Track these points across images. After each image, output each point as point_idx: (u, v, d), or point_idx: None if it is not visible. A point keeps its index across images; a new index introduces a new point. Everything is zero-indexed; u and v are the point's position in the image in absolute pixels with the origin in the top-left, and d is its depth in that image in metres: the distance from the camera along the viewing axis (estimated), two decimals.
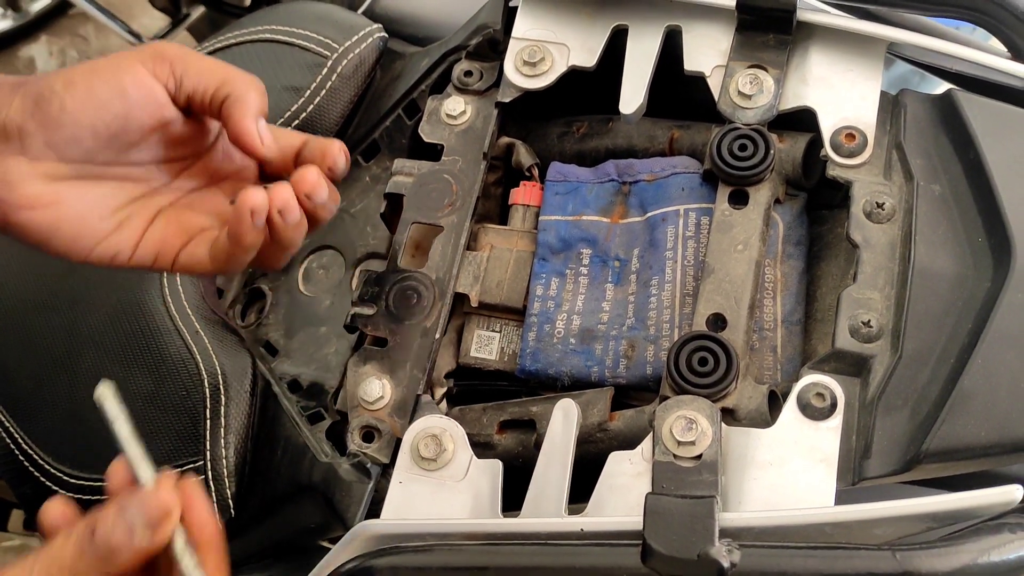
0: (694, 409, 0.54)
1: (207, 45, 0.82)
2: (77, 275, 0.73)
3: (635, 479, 0.54)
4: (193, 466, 0.65)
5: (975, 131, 0.55)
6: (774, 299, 0.60)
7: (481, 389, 0.67)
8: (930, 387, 0.51)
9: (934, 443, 0.49)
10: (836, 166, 0.59)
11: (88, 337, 0.71)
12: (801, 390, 0.54)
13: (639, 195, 0.65)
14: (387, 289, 0.65)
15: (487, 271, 0.66)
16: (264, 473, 0.66)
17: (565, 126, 0.72)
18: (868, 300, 0.55)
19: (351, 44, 0.77)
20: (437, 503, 0.57)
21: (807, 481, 0.51)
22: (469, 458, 0.58)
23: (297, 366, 0.71)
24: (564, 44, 0.68)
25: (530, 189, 0.68)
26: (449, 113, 0.70)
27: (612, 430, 0.59)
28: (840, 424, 0.52)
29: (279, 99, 0.75)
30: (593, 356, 0.62)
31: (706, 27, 0.64)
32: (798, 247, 0.62)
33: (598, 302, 0.64)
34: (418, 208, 0.67)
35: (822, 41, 0.62)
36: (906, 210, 0.56)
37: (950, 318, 0.53)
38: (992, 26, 0.58)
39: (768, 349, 0.59)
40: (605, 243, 0.65)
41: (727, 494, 0.52)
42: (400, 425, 0.61)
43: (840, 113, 0.60)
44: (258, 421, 0.68)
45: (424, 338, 0.63)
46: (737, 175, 0.60)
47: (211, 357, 0.68)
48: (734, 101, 0.62)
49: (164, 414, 0.67)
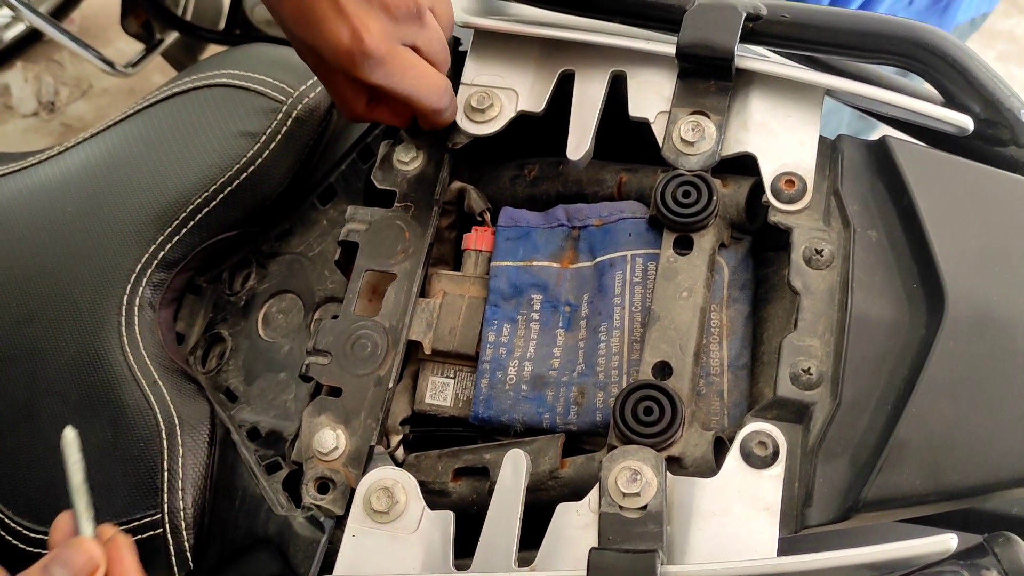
0: (639, 459, 0.55)
1: (165, 89, 0.83)
2: (36, 323, 0.73)
3: (582, 531, 0.54)
4: (151, 518, 0.66)
5: (908, 178, 0.56)
6: (720, 344, 0.61)
7: (437, 435, 0.68)
8: (868, 434, 0.52)
9: (871, 492, 0.50)
10: (777, 212, 0.60)
11: (48, 388, 0.71)
12: (744, 438, 0.55)
13: (588, 240, 0.66)
14: (341, 338, 0.65)
15: (440, 318, 0.67)
16: (222, 523, 0.66)
17: (517, 169, 0.72)
18: (808, 347, 0.56)
19: (306, 88, 0.78)
20: (389, 556, 0.57)
21: (750, 530, 0.52)
22: (421, 510, 0.59)
23: (256, 413, 0.71)
24: (512, 89, 0.68)
25: (482, 234, 0.69)
26: (401, 159, 0.70)
27: (563, 478, 0.60)
28: (782, 472, 0.53)
29: (234, 145, 0.75)
30: (545, 403, 0.63)
31: (650, 74, 0.65)
32: (743, 291, 0.62)
33: (549, 348, 0.64)
34: (371, 256, 0.68)
35: (762, 88, 0.62)
36: (844, 256, 0.57)
37: (887, 365, 0.53)
38: (925, 72, 0.58)
39: (715, 394, 0.60)
40: (556, 288, 0.66)
41: (672, 545, 0.52)
42: (355, 476, 0.61)
43: (780, 159, 0.61)
44: (217, 470, 0.68)
45: (378, 387, 0.64)
46: (681, 222, 0.61)
47: (169, 408, 0.68)
48: (677, 148, 0.63)
49: (122, 466, 0.67)
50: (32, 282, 0.74)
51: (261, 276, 0.77)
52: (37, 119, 2.07)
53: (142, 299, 0.72)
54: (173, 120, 0.79)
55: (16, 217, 0.78)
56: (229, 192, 0.74)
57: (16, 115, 2.07)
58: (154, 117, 0.81)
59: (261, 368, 0.73)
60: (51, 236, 0.76)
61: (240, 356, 0.75)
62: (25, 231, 0.77)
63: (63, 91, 2.10)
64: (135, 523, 0.65)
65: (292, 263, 0.76)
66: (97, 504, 0.66)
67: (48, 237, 0.76)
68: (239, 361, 0.74)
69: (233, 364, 0.74)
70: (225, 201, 0.74)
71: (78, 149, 0.82)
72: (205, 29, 1.63)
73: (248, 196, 0.75)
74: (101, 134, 0.82)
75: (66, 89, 2.11)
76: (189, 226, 0.74)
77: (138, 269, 0.73)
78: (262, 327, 0.75)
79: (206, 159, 0.75)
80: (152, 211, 0.74)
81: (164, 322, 0.75)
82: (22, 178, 0.82)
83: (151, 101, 0.82)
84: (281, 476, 0.66)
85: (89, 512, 0.49)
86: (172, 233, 0.73)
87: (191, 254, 0.74)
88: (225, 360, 0.75)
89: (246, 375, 0.74)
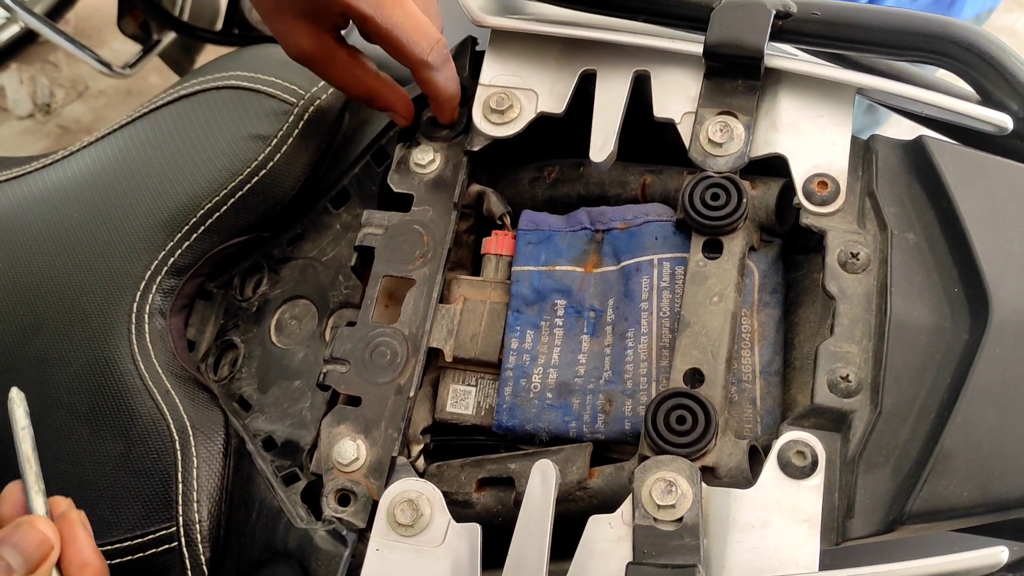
0: (673, 470, 0.53)
1: (172, 91, 0.81)
2: (43, 333, 0.71)
3: (616, 544, 0.53)
4: (166, 531, 0.64)
5: (947, 179, 0.54)
6: (752, 350, 0.59)
7: (459, 444, 0.66)
8: (911, 444, 0.51)
9: (917, 503, 0.49)
10: (809, 215, 0.59)
11: (56, 399, 0.69)
12: (781, 448, 0.53)
13: (612, 243, 0.64)
14: (359, 346, 0.64)
15: (461, 324, 0.65)
16: (239, 535, 0.65)
17: (536, 171, 0.71)
18: (846, 353, 0.54)
19: (317, 90, 0.76)
20: (415, 571, 0.56)
21: (790, 543, 0.50)
22: (447, 522, 0.57)
23: (271, 422, 0.69)
24: (532, 90, 0.67)
25: (502, 238, 0.67)
26: (418, 162, 0.69)
27: (592, 488, 0.58)
28: (822, 483, 0.52)
29: (244, 148, 0.74)
30: (571, 411, 0.61)
31: (674, 73, 0.63)
32: (774, 295, 0.61)
33: (574, 355, 0.63)
34: (389, 261, 0.66)
35: (791, 87, 0.61)
36: (881, 260, 0.56)
37: (929, 372, 0.52)
38: (960, 70, 0.57)
39: (747, 401, 0.59)
40: (579, 293, 0.64)
41: (709, 559, 0.51)
42: (376, 487, 0.60)
43: (812, 160, 0.59)
44: (232, 481, 0.66)
45: (398, 396, 0.62)
46: (710, 225, 0.59)
47: (182, 417, 0.67)
48: (705, 149, 0.61)
49: (135, 478, 0.66)
50: (39, 290, 0.72)
51: (273, 281, 0.75)
52: (33, 121, 2.05)
53: (152, 306, 0.71)
54: (181, 123, 0.78)
55: (20, 223, 0.76)
56: (240, 196, 0.72)
57: (11, 117, 2.04)
58: (161, 120, 0.79)
59: (275, 376, 0.71)
60: (57, 243, 0.74)
61: (253, 363, 0.73)
62: (30, 238, 0.75)
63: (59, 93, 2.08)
64: (149, 536, 0.64)
65: (305, 268, 0.75)
66: (109, 517, 0.65)
67: (54, 244, 0.74)
68: (252, 369, 0.73)
69: (246, 371, 0.73)
70: (236, 206, 0.72)
71: (83, 153, 0.80)
72: (202, 29, 1.61)
73: (260, 200, 0.73)
74: (107, 138, 0.80)
75: (62, 91, 2.08)
76: (199, 231, 0.72)
77: (148, 276, 0.71)
78: (275, 334, 0.74)
79: (216, 163, 0.74)
80: (161, 216, 0.72)
81: (175, 329, 0.73)
82: (25, 184, 0.80)
83: (158, 104, 0.80)
84: (299, 487, 0.65)
85: (39, 484, 0.45)
86: (182, 239, 0.72)
87: (202, 260, 0.73)
88: (238, 367, 0.73)
89: (260, 383, 0.72)
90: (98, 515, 0.65)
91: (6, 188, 0.80)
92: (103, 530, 0.64)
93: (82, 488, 0.66)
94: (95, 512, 0.65)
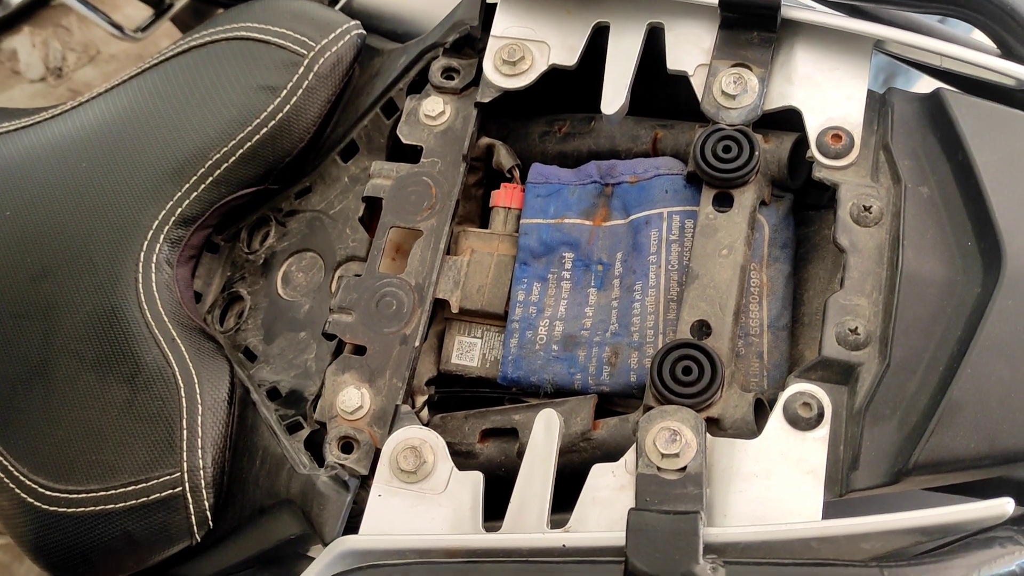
0: (678, 420, 0.53)
1: (182, 43, 0.80)
2: (51, 280, 0.71)
3: (618, 492, 0.52)
4: (170, 477, 0.64)
5: (964, 132, 0.53)
6: (760, 304, 0.59)
7: (463, 396, 0.66)
8: (919, 396, 0.50)
9: (923, 455, 0.48)
10: (822, 168, 0.58)
11: (63, 345, 0.69)
12: (787, 400, 0.53)
13: (622, 197, 0.64)
14: (366, 296, 0.63)
15: (467, 276, 0.65)
16: (242, 483, 0.65)
17: (547, 125, 0.70)
18: (855, 306, 0.54)
19: (328, 42, 0.76)
20: (417, 517, 0.56)
21: (794, 494, 0.50)
22: (449, 470, 0.57)
23: (276, 373, 0.69)
24: (544, 42, 0.66)
25: (511, 191, 0.67)
26: (428, 113, 0.68)
27: (595, 439, 0.58)
28: (827, 435, 0.51)
29: (254, 99, 0.73)
30: (576, 363, 0.61)
31: (689, 25, 0.62)
32: (784, 250, 0.60)
33: (581, 307, 0.62)
34: (396, 212, 0.66)
35: (807, 39, 0.60)
36: (894, 213, 0.55)
37: (939, 325, 0.51)
38: (981, 23, 0.56)
39: (754, 355, 0.58)
40: (588, 247, 0.64)
41: (712, 507, 0.51)
42: (379, 435, 0.60)
43: (826, 113, 0.58)
44: (236, 430, 0.66)
45: (403, 346, 0.62)
46: (721, 177, 0.59)
47: (188, 365, 0.67)
48: (718, 101, 0.60)
49: (140, 424, 0.66)
50: (47, 238, 0.72)
51: (280, 234, 0.75)
52: (44, 84, 2.04)
53: (159, 256, 0.70)
54: (191, 74, 0.77)
55: (29, 173, 0.76)
56: (249, 148, 0.72)
57: (23, 80, 2.04)
58: (171, 71, 0.78)
59: (281, 327, 0.71)
60: (65, 192, 0.74)
61: (259, 315, 0.73)
62: (38, 187, 0.75)
63: (71, 56, 2.07)
64: (154, 481, 0.64)
65: (312, 221, 0.74)
66: (114, 462, 0.65)
67: (62, 193, 0.74)
68: (258, 320, 0.73)
69: (252, 323, 0.73)
70: (245, 157, 0.72)
71: (92, 104, 0.80)
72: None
73: (268, 152, 0.73)
74: (116, 89, 0.80)
75: (74, 55, 2.08)
76: (207, 182, 0.72)
77: (155, 226, 0.71)
78: (281, 286, 0.73)
79: (225, 114, 0.73)
80: (169, 167, 0.72)
81: (182, 280, 0.73)
82: (34, 133, 0.79)
83: (168, 55, 0.79)
84: (303, 436, 0.65)
85: None
86: (190, 189, 0.71)
87: (209, 211, 0.72)
88: (243, 319, 0.73)
89: (265, 334, 0.72)
90: (103, 460, 0.65)
91: (15, 138, 0.79)
92: (108, 474, 0.65)
93: (88, 433, 0.66)
94: (100, 457, 0.66)
